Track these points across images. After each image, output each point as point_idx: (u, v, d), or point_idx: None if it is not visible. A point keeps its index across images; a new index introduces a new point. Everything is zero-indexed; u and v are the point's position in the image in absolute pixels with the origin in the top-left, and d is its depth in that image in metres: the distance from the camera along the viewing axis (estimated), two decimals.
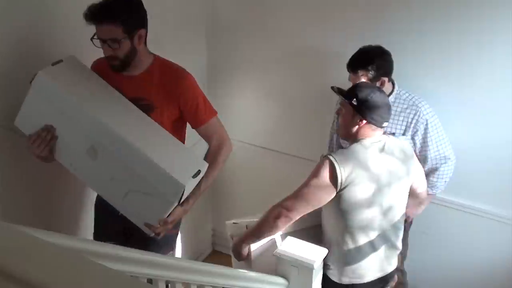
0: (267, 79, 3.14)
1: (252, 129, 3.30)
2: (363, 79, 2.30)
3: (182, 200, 1.98)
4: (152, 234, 2.03)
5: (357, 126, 2.05)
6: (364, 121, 2.03)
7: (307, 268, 1.99)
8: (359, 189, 2.01)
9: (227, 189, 3.48)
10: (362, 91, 2.04)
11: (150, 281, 1.58)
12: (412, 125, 2.39)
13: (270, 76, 3.11)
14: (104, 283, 0.77)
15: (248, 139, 3.29)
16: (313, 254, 2.02)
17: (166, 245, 2.22)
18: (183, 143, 2.23)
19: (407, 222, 2.62)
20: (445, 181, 2.50)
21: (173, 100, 2.08)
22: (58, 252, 0.87)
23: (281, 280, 2.04)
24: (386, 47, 2.36)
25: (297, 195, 2.05)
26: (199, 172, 1.99)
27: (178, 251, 3.33)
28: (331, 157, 2.01)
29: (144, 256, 1.54)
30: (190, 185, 1.98)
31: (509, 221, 2.59)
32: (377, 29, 2.62)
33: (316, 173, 2.02)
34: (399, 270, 2.70)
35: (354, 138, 2.09)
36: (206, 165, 2.06)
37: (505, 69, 2.38)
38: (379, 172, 2.05)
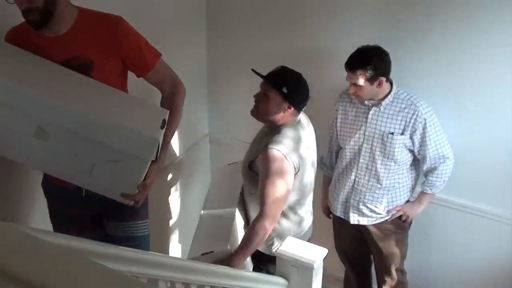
0: None
1: (252, 129, 3.29)
2: (362, 79, 2.31)
3: (156, 156, 1.81)
4: (132, 203, 1.86)
5: (282, 113, 2.18)
6: (292, 108, 2.17)
7: (307, 268, 1.99)
8: (305, 169, 2.23)
9: None
10: (289, 79, 2.20)
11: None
12: (411, 124, 2.39)
13: None
14: (104, 283, 0.77)
15: (248, 138, 3.28)
16: (313, 254, 2.02)
17: (143, 210, 2.11)
18: None
19: (407, 222, 2.62)
20: (444, 181, 2.51)
21: (112, 51, 1.85)
22: (58, 252, 0.87)
23: (281, 280, 2.04)
24: (385, 47, 2.36)
25: (274, 200, 2.10)
26: (164, 121, 1.81)
27: (178, 252, 3.33)
28: (277, 150, 2.10)
29: (144, 256, 1.55)
30: (160, 138, 1.81)
31: (509, 221, 2.59)
32: (376, 29, 2.62)
33: (277, 171, 2.10)
34: (399, 270, 2.71)
35: (276, 123, 2.21)
36: (168, 113, 1.88)
37: (505, 69, 2.38)
38: (308, 145, 2.28)
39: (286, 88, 2.16)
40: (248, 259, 2.22)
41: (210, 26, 3.16)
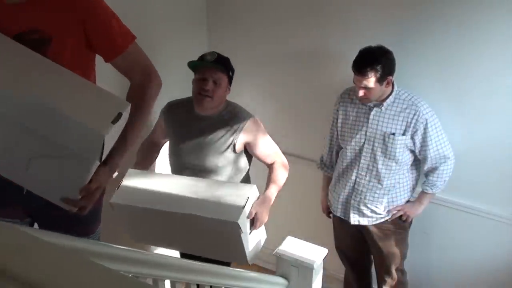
0: (267, 79, 3.14)
1: None
2: (372, 80, 2.30)
3: (103, 156, 1.58)
4: (75, 210, 1.56)
5: (226, 94, 2.36)
6: (229, 90, 2.37)
7: (307, 268, 1.99)
8: None
9: None
10: (229, 61, 2.35)
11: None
12: (412, 125, 2.39)
13: (270, 76, 3.12)
14: (104, 283, 0.76)
15: None
16: (313, 254, 2.02)
17: (92, 221, 1.82)
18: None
19: (407, 222, 2.62)
20: (445, 181, 2.51)
21: (75, 24, 1.57)
22: (58, 252, 0.87)
23: (281, 280, 2.04)
24: (386, 47, 2.36)
25: (277, 148, 2.45)
26: (120, 115, 1.49)
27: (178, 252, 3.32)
28: (253, 117, 2.37)
29: (144, 256, 1.54)
30: (106, 134, 1.52)
31: (509, 221, 2.59)
32: (377, 29, 2.62)
33: (263, 130, 2.40)
34: (399, 270, 2.71)
35: (222, 103, 2.35)
36: (128, 106, 1.56)
37: (506, 69, 2.38)
38: None
39: (230, 70, 2.34)
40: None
41: (211, 26, 3.16)
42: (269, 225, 3.03)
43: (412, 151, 2.48)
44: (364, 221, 2.61)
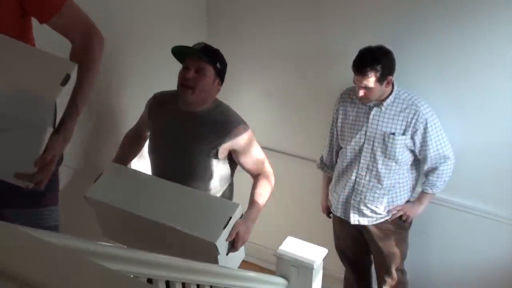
0: (267, 79, 3.14)
1: (252, 129, 3.29)
2: (372, 80, 2.30)
3: (56, 122, 1.50)
4: (31, 186, 1.47)
5: (215, 91, 2.17)
6: (220, 85, 2.18)
7: (307, 268, 1.99)
8: None
9: None
10: (218, 52, 2.15)
11: (150, 281, 1.58)
12: (412, 124, 2.39)
13: (270, 76, 3.12)
14: (104, 283, 0.76)
15: None
16: (313, 254, 2.03)
17: (49, 195, 1.73)
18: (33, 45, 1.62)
19: (407, 222, 2.62)
20: (445, 181, 2.51)
21: None
22: (58, 252, 0.87)
23: (281, 280, 2.04)
24: (386, 47, 2.36)
25: (264, 157, 2.25)
26: (68, 77, 1.40)
27: None
28: (244, 125, 2.17)
29: (144, 256, 1.54)
30: (61, 99, 1.46)
31: (509, 221, 2.59)
32: (377, 29, 2.62)
33: (253, 139, 2.20)
34: (399, 270, 2.71)
35: (209, 101, 2.16)
36: (75, 66, 1.46)
37: (506, 69, 2.38)
38: None
39: (219, 62, 2.14)
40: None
41: (211, 26, 3.16)
42: (269, 225, 3.05)
43: (412, 151, 2.48)
44: (364, 221, 2.61)
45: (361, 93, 2.37)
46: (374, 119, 2.46)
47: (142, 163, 2.68)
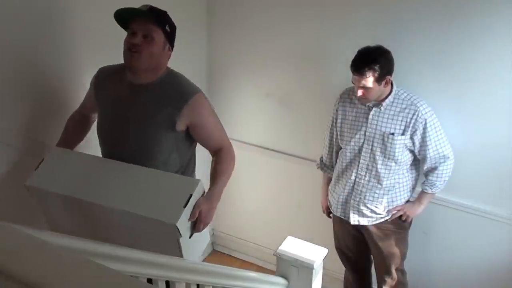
0: (267, 79, 3.14)
1: (252, 129, 3.30)
2: (371, 79, 2.30)
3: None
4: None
5: (166, 57, 1.98)
6: (171, 51, 1.99)
7: (307, 268, 1.99)
8: None
9: (226, 189, 3.48)
10: (167, 15, 1.95)
11: (150, 281, 1.58)
12: (411, 124, 2.39)
13: (270, 76, 3.12)
14: (104, 283, 0.76)
15: (248, 138, 3.29)
16: (313, 254, 2.03)
17: None
18: None
19: (407, 222, 2.62)
20: (444, 181, 2.51)
21: None
22: (58, 252, 0.87)
23: (281, 280, 2.04)
24: (385, 47, 2.36)
25: (222, 129, 2.08)
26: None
27: None
28: (201, 92, 1.98)
29: (144, 256, 1.54)
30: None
31: (509, 221, 2.59)
32: (376, 29, 2.62)
33: (211, 109, 2.03)
34: (399, 270, 2.71)
35: (160, 70, 1.97)
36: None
37: (505, 69, 2.38)
38: None
39: (168, 25, 1.94)
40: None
41: (211, 26, 3.16)
42: (269, 225, 3.03)
43: (412, 151, 2.48)
44: (363, 221, 2.61)
45: (360, 93, 2.37)
46: (373, 119, 2.46)
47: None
